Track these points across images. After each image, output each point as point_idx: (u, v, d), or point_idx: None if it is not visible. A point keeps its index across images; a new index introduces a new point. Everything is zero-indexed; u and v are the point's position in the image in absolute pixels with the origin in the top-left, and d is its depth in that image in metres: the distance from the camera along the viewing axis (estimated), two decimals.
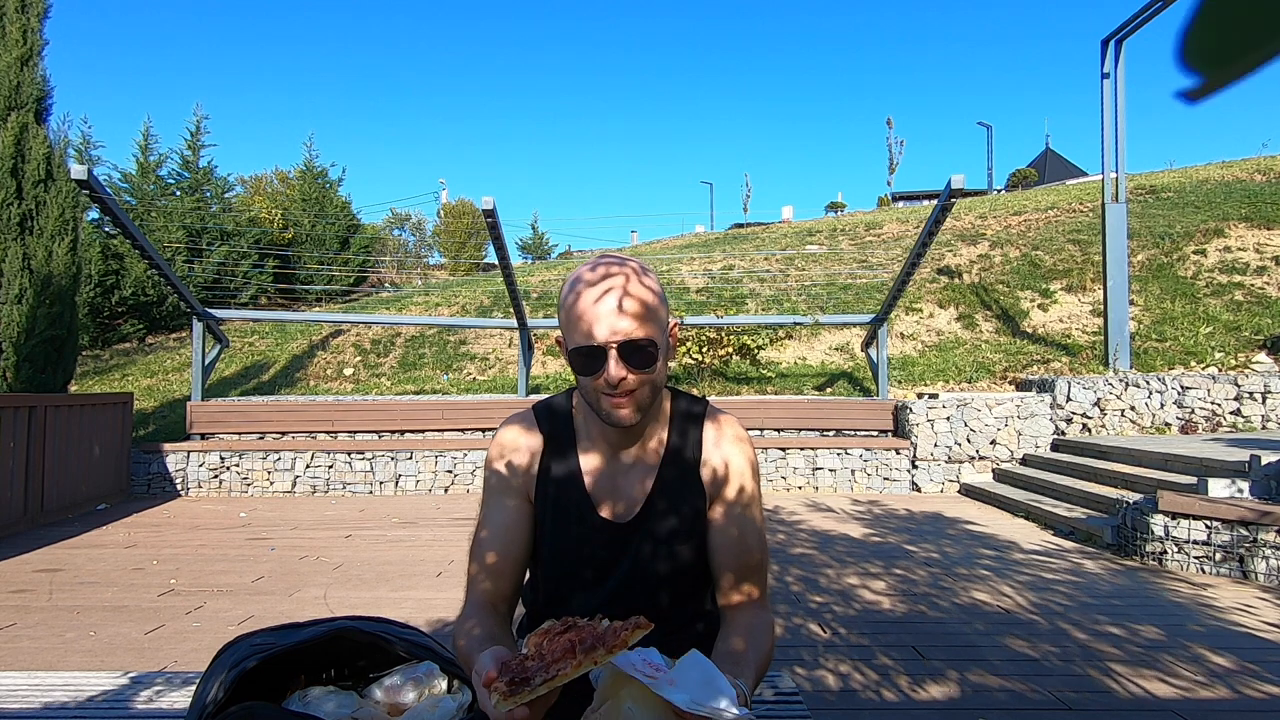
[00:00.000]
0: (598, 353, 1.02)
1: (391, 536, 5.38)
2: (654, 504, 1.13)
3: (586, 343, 1.02)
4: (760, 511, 1.18)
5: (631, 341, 1.02)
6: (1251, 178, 13.98)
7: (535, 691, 0.75)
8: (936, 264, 11.61)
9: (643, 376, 1.04)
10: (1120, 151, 8.49)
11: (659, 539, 1.12)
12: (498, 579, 1.13)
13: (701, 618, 1.19)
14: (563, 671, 0.76)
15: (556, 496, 1.14)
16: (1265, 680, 2.71)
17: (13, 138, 7.02)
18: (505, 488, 1.17)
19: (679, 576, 1.14)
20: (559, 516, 1.14)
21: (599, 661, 0.76)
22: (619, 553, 1.13)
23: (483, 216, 6.83)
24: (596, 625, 0.80)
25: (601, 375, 1.03)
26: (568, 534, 1.14)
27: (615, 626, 0.79)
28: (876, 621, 3.42)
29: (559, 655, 0.77)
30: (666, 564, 1.13)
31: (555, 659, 0.77)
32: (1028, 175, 26.90)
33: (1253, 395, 7.13)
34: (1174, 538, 4.38)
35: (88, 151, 13.24)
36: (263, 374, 10.05)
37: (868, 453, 7.46)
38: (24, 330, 6.87)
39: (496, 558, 1.13)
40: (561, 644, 0.78)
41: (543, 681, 0.75)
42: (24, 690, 1.65)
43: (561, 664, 0.76)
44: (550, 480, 1.15)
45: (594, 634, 0.78)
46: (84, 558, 4.80)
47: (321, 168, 17.28)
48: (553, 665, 0.76)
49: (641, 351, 1.03)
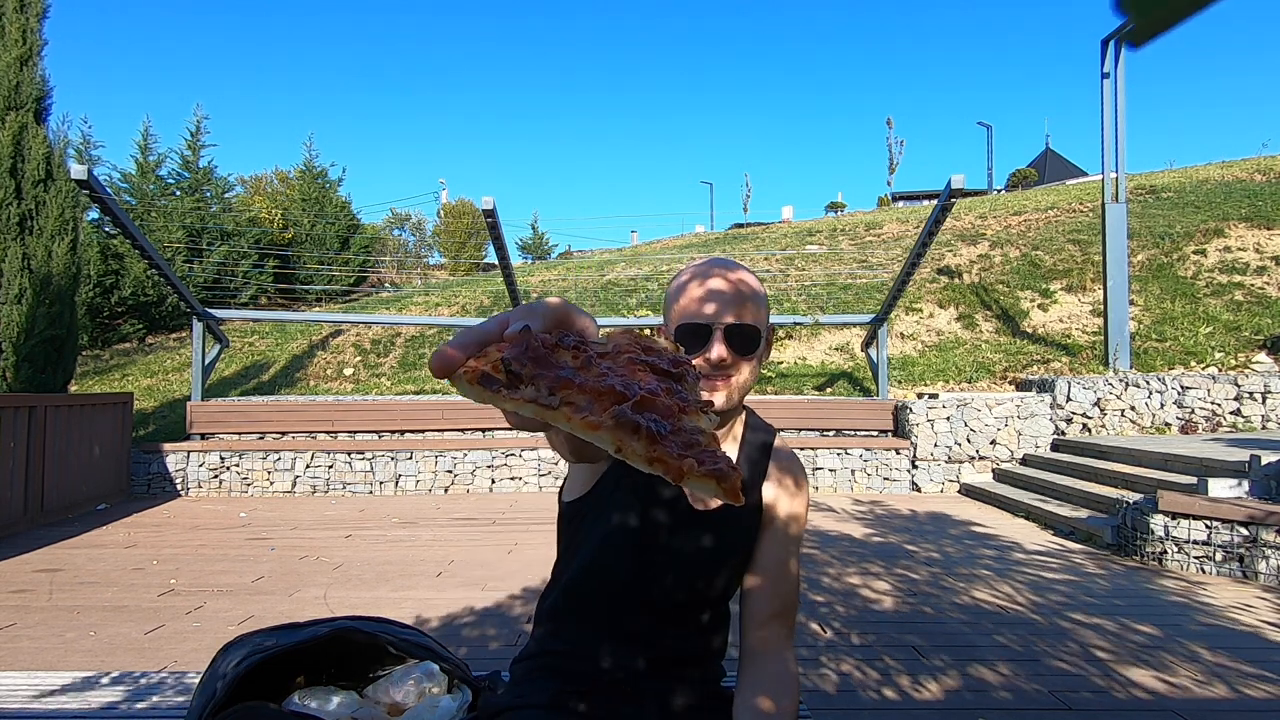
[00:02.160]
0: (703, 331, 1.03)
1: (391, 536, 5.38)
2: (710, 513, 1.10)
3: (694, 320, 1.03)
4: (802, 538, 1.17)
5: (739, 325, 1.03)
6: (1251, 178, 13.98)
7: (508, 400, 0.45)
8: (936, 264, 11.61)
9: (743, 362, 1.05)
10: (1120, 151, 8.49)
11: (704, 546, 1.09)
12: None
13: (722, 625, 1.16)
14: (570, 412, 0.44)
15: (618, 483, 1.09)
16: (1266, 680, 2.71)
17: (12, 138, 7.02)
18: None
19: (719, 579, 1.11)
20: (614, 503, 1.08)
21: (623, 452, 0.43)
22: (660, 552, 1.08)
23: (483, 216, 6.83)
24: (693, 409, 0.47)
25: (704, 354, 1.03)
26: (615, 521, 1.08)
27: (704, 445, 0.45)
28: (877, 621, 3.42)
29: (606, 389, 0.45)
30: (715, 564, 1.10)
31: (599, 389, 0.45)
32: (1028, 175, 26.91)
33: (1253, 395, 7.13)
34: (1174, 538, 4.38)
35: (87, 151, 13.25)
36: (263, 374, 10.05)
37: (868, 453, 7.46)
38: (24, 330, 6.87)
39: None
40: (638, 381, 0.47)
41: (532, 398, 0.45)
42: (24, 690, 1.65)
43: (588, 402, 0.45)
44: (621, 465, 1.08)
45: (673, 416, 0.45)
46: (84, 558, 4.80)
47: (321, 168, 17.29)
48: (580, 390, 0.45)
49: (746, 337, 1.04)
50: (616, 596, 1.10)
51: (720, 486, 0.43)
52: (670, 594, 1.09)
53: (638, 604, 1.09)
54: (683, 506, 1.10)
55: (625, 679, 1.07)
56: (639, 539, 1.08)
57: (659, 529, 1.09)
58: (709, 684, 1.14)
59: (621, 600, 1.10)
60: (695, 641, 1.12)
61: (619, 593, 1.10)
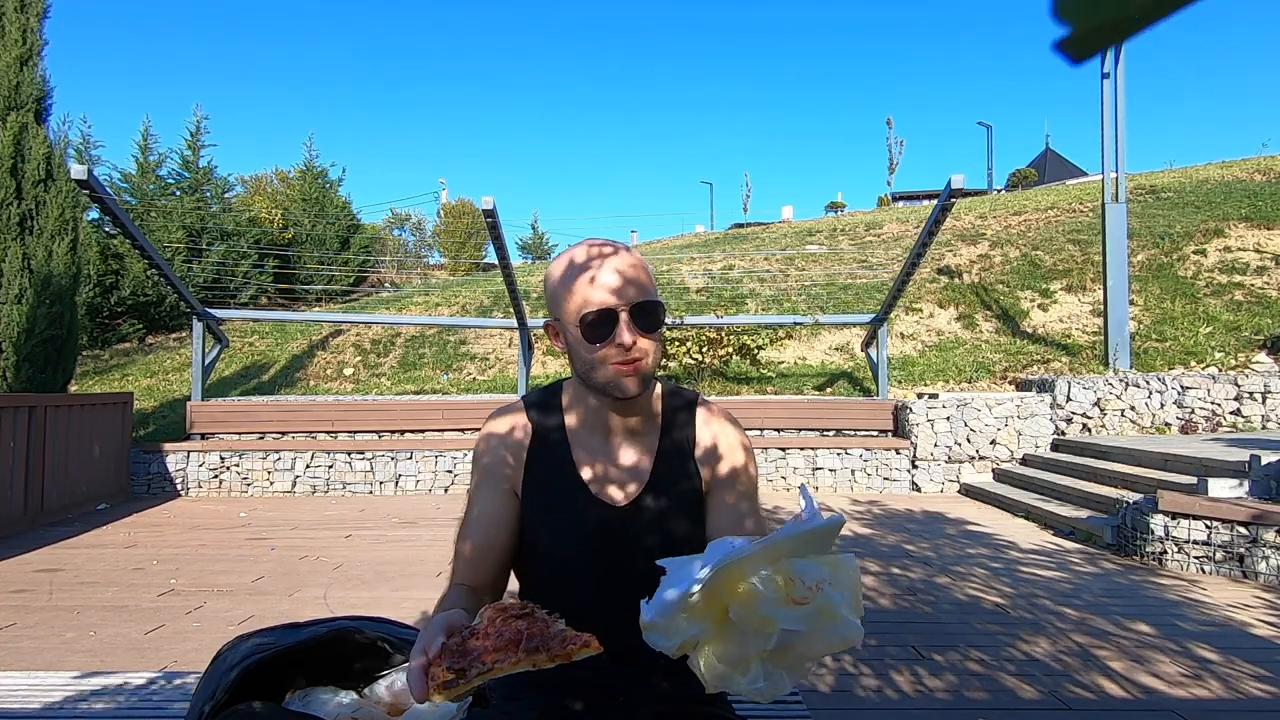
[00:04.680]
0: (609, 317, 1.01)
1: (391, 536, 5.38)
2: (652, 487, 1.11)
3: (598, 308, 1.01)
4: (757, 489, 1.16)
5: (642, 304, 1.02)
6: (1251, 178, 13.99)
7: (470, 685, 0.72)
8: (936, 264, 11.61)
9: (652, 341, 1.04)
10: (1120, 151, 8.49)
11: (656, 522, 1.10)
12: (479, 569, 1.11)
13: None
14: (500, 665, 0.73)
15: (548, 485, 1.12)
16: (1265, 680, 2.71)
17: (12, 138, 7.02)
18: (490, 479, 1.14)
19: None
20: (551, 507, 1.11)
21: (538, 665, 0.74)
22: (615, 538, 1.10)
23: (483, 216, 6.83)
24: (551, 623, 0.77)
25: (613, 341, 1.01)
26: (561, 523, 1.11)
27: (567, 635, 0.75)
28: (876, 620, 3.42)
29: (505, 643, 0.74)
30: (662, 549, 1.08)
31: (500, 646, 0.74)
32: (1028, 175, 26.90)
33: (1253, 395, 7.13)
34: (1174, 538, 4.38)
35: (87, 151, 13.24)
36: (263, 374, 10.06)
37: (868, 453, 7.46)
38: (24, 330, 6.87)
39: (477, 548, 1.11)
40: (511, 630, 0.75)
41: (478, 674, 0.73)
42: (24, 690, 1.65)
43: (502, 656, 0.73)
44: (540, 471, 1.13)
45: (544, 633, 0.75)
46: (84, 558, 4.80)
47: (321, 168, 17.28)
48: (494, 654, 0.73)
49: (651, 314, 1.03)
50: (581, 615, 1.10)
51: (590, 647, 0.75)
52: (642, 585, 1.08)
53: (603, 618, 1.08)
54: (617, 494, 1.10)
55: (613, 688, 1.07)
56: (586, 561, 1.10)
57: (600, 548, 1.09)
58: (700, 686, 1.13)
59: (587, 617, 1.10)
60: None
61: (583, 611, 1.09)
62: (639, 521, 1.10)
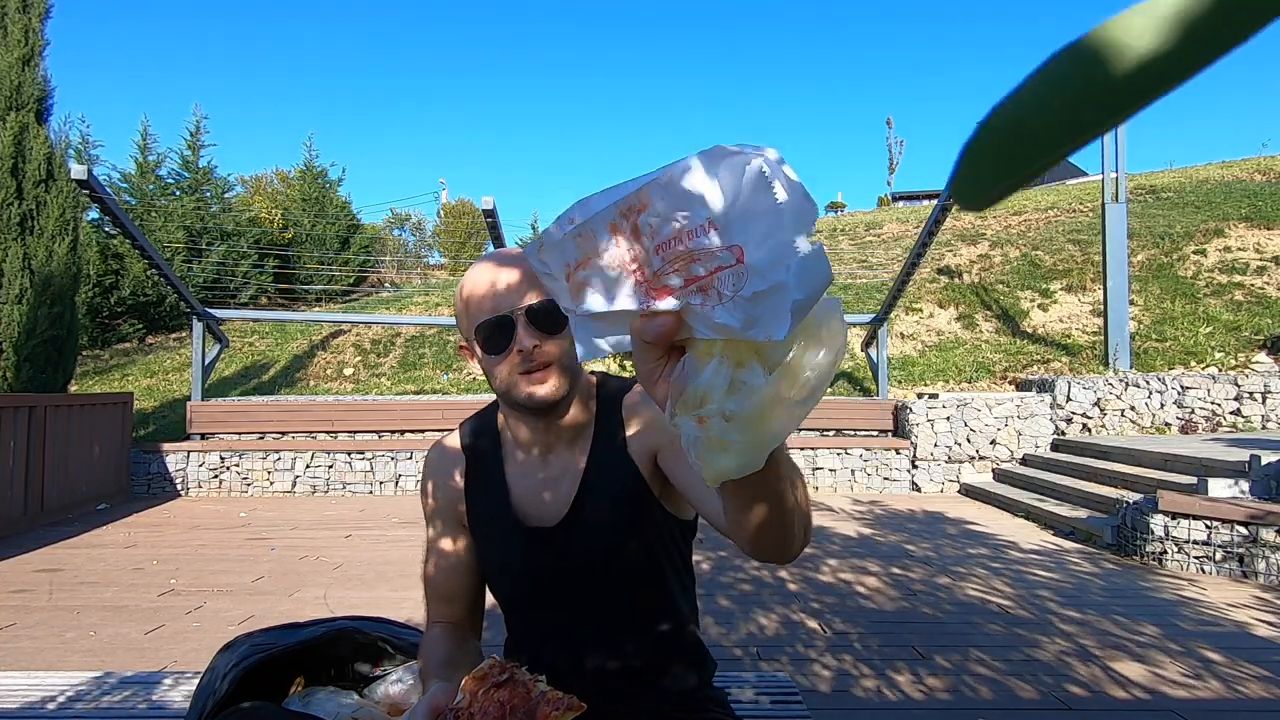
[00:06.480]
0: (505, 324, 0.96)
1: (391, 536, 5.38)
2: (582, 501, 1.04)
3: (490, 315, 0.97)
4: None
5: (536, 305, 0.96)
6: (1251, 178, 13.99)
7: None
8: (936, 264, 11.61)
9: (557, 343, 0.98)
10: (1120, 151, 8.49)
11: (595, 537, 1.04)
12: (450, 609, 1.11)
13: (667, 616, 1.09)
14: None
15: (486, 512, 1.09)
16: (1265, 680, 2.71)
17: (13, 138, 7.03)
18: (436, 514, 1.13)
19: (627, 574, 1.05)
20: (491, 533, 1.09)
21: None
22: (553, 559, 1.05)
23: (483, 216, 6.84)
24: (533, 686, 0.79)
25: (514, 348, 0.96)
26: (499, 550, 1.09)
27: (550, 697, 0.77)
28: (876, 621, 3.42)
29: (489, 716, 0.78)
30: (609, 561, 1.05)
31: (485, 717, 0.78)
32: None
33: (1253, 395, 7.13)
34: (1174, 538, 4.38)
35: (87, 151, 13.24)
36: (263, 374, 10.06)
37: (868, 453, 7.46)
38: (24, 330, 6.87)
39: (442, 593, 1.11)
40: (493, 702, 0.78)
41: None
42: (24, 690, 1.65)
43: None
44: (478, 497, 1.10)
45: (526, 702, 0.77)
46: (84, 558, 4.80)
47: (321, 168, 17.27)
48: None
49: (549, 314, 0.96)
50: (551, 628, 1.09)
51: (573, 710, 0.76)
52: (600, 599, 1.06)
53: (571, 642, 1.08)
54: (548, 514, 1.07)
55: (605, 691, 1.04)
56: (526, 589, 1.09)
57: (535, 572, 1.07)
58: (695, 680, 1.11)
59: (556, 630, 1.09)
60: (657, 640, 1.08)
61: (553, 625, 1.09)
62: (572, 539, 1.05)
